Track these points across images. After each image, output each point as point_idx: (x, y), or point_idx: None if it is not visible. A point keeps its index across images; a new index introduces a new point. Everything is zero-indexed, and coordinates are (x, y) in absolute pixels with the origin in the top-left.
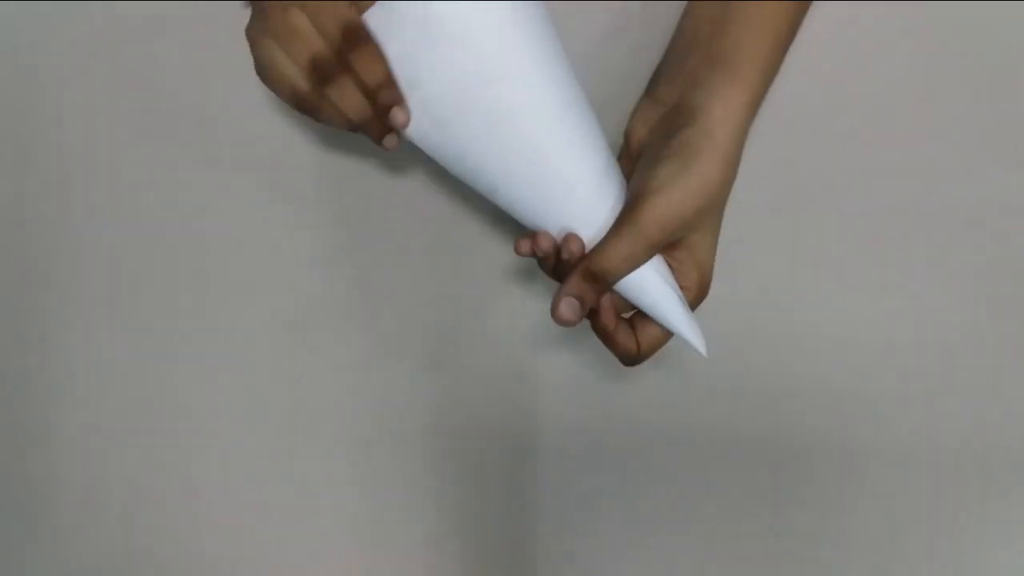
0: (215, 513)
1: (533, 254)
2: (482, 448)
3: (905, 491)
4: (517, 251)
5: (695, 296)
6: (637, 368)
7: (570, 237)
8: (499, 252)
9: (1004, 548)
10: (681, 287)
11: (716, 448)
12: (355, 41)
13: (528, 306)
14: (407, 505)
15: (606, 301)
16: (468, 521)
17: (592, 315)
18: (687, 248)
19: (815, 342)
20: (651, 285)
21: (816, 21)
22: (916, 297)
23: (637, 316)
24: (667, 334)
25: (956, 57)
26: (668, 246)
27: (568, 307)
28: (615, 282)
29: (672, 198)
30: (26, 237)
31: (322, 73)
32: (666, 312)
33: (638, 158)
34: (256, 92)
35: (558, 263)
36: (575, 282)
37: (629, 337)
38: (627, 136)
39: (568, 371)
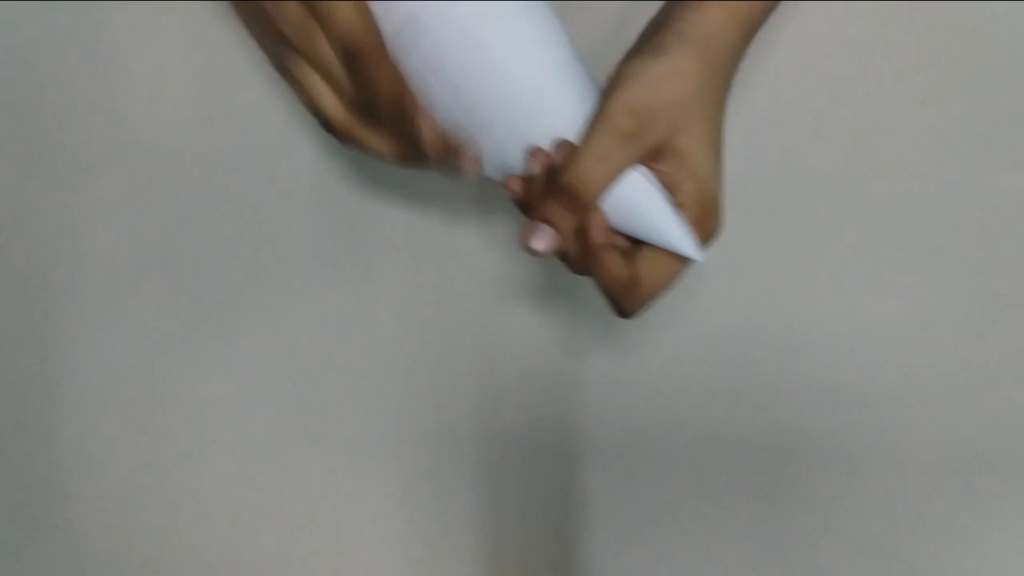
0: (219, 515)
1: (525, 189)
2: (483, 449)
3: (905, 491)
4: (508, 189)
5: (696, 214)
6: (632, 367)
7: (562, 143)
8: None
9: (1004, 548)
10: (677, 204)
11: (714, 448)
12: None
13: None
14: (414, 508)
15: (596, 216)
16: (478, 522)
17: (582, 236)
18: (676, 155)
19: (814, 341)
20: (633, 189)
21: (816, 21)
22: (916, 296)
23: (632, 245)
24: (669, 263)
25: (955, 56)
26: (653, 155)
27: (538, 233)
28: (592, 197)
29: (640, 83)
30: (25, 236)
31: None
32: (654, 220)
33: None
34: (257, 92)
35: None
36: (545, 203)
37: (618, 262)
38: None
39: (565, 369)
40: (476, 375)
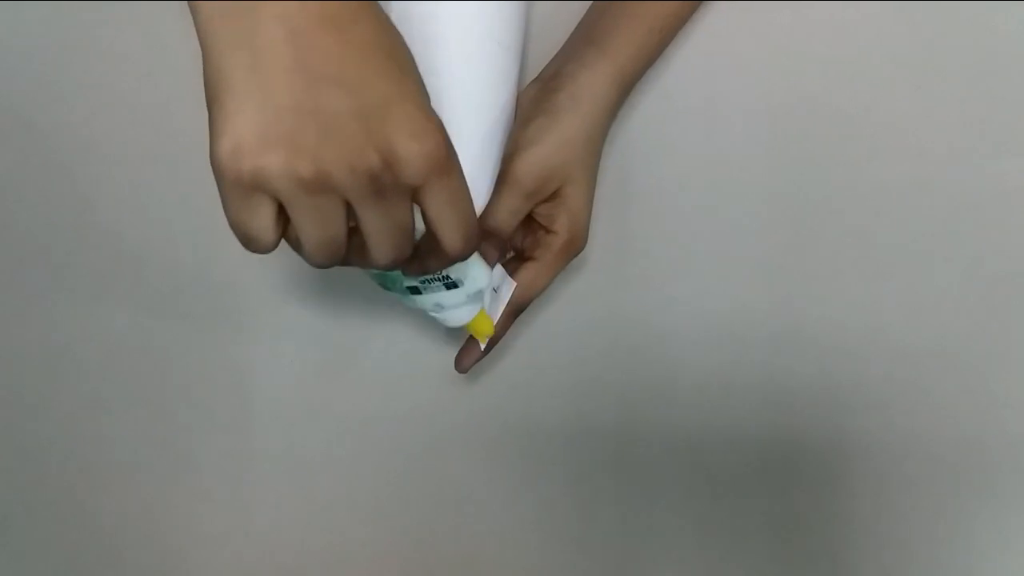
0: (217, 503)
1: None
2: (482, 448)
3: (905, 491)
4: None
5: (565, 241)
6: (627, 367)
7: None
8: None
9: (1004, 548)
10: (551, 230)
11: (713, 448)
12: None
13: None
14: (412, 506)
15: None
16: (468, 521)
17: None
18: (561, 197)
19: (814, 341)
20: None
21: (812, 8)
22: (916, 297)
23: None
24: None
25: (951, 41)
26: (547, 197)
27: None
28: (508, 234)
29: (539, 152)
30: (26, 219)
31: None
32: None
33: None
34: None
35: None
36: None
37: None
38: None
39: (562, 367)
40: (474, 374)
